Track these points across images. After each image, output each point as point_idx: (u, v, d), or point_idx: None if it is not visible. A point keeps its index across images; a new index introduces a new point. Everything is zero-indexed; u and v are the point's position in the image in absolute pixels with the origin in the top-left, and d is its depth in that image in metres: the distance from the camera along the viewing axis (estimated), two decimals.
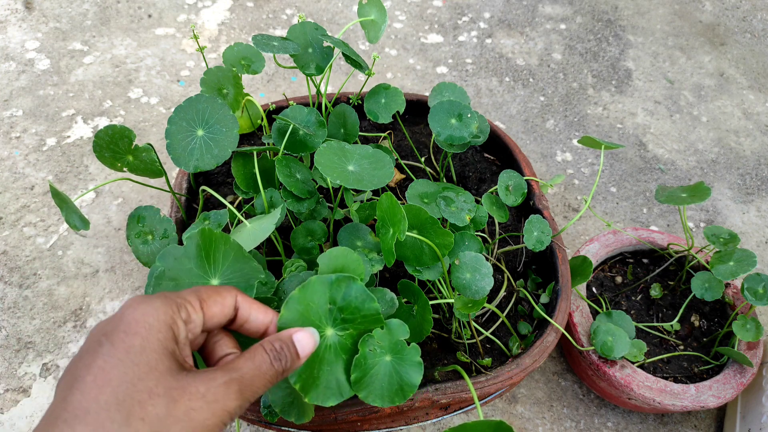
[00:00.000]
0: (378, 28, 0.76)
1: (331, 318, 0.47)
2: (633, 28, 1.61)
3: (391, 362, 0.52)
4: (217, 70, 0.70)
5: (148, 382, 0.34)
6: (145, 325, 0.36)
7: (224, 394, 0.36)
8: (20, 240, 1.08)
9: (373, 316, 0.49)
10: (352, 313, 0.48)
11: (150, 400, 0.33)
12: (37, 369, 0.94)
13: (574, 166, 1.28)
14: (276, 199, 0.65)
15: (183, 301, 0.39)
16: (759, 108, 1.43)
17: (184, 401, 0.34)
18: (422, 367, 0.52)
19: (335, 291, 0.48)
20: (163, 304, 0.38)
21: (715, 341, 0.89)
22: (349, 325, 0.48)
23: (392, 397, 0.51)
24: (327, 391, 0.46)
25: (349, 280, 0.48)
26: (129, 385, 0.33)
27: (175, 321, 0.37)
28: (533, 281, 0.81)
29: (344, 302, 0.48)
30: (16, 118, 1.25)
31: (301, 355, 0.42)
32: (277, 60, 0.79)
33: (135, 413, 0.33)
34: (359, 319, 0.48)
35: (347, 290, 0.48)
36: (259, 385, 0.38)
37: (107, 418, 0.32)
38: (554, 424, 0.93)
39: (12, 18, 1.45)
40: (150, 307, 0.37)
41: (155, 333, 0.36)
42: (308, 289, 0.47)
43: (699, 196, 0.78)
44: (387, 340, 0.52)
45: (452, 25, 1.57)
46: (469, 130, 0.73)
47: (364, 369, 0.49)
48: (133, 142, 0.67)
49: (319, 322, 0.47)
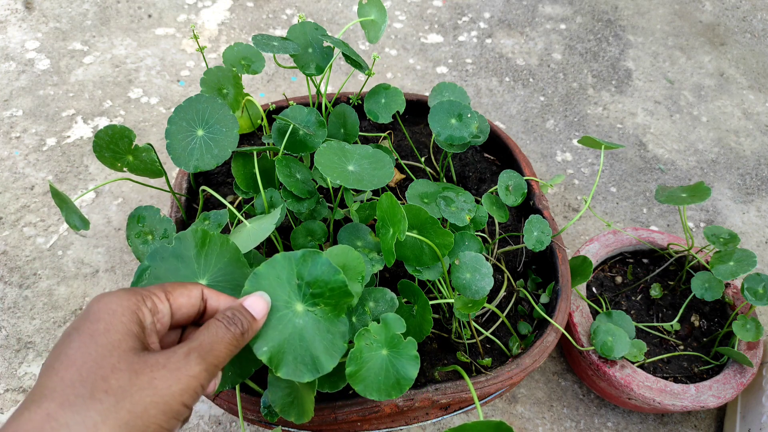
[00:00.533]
0: (378, 28, 0.76)
1: (300, 293, 0.47)
2: (633, 28, 1.61)
3: (387, 356, 0.52)
4: (217, 70, 0.70)
5: (111, 359, 0.35)
6: (109, 311, 0.37)
7: (185, 362, 0.37)
8: (20, 240, 1.08)
9: (340, 289, 0.48)
10: (320, 287, 0.47)
11: (113, 375, 0.35)
12: (37, 369, 0.94)
13: (574, 166, 1.28)
14: (276, 199, 0.65)
15: (148, 293, 0.40)
16: (759, 108, 1.43)
17: (146, 372, 0.35)
18: (419, 361, 0.52)
19: (302, 266, 0.47)
20: (126, 293, 0.39)
21: (715, 341, 0.89)
22: (319, 299, 0.47)
23: (389, 391, 0.51)
24: (301, 366, 0.45)
25: (314, 255, 0.48)
26: (92, 363, 0.35)
27: (139, 307, 0.39)
28: (533, 281, 0.81)
29: (311, 277, 0.47)
30: (16, 118, 1.25)
31: (257, 317, 0.43)
32: (277, 60, 0.79)
33: (99, 387, 0.34)
34: (327, 293, 0.47)
35: (313, 265, 0.47)
36: (220, 349, 0.39)
37: (72, 393, 0.33)
38: (554, 424, 0.93)
39: (12, 18, 1.45)
40: (113, 296, 0.39)
41: (119, 317, 0.37)
42: (274, 265, 0.46)
43: (699, 196, 0.78)
44: (383, 334, 0.52)
45: (452, 25, 1.57)
46: (469, 130, 0.73)
47: (360, 362, 0.49)
48: (133, 142, 0.67)
49: (288, 298, 0.46)
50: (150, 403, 0.34)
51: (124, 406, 0.34)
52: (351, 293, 0.48)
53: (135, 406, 0.34)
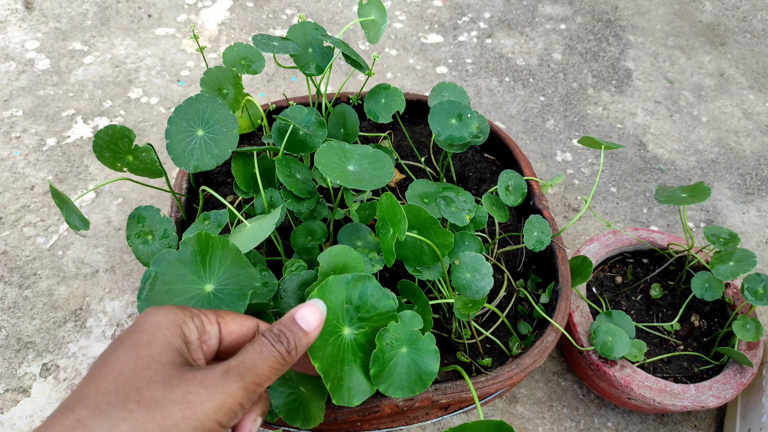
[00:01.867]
0: (378, 28, 0.76)
1: (348, 317, 0.48)
2: (633, 28, 1.61)
3: (407, 353, 0.52)
4: (217, 70, 0.70)
5: (148, 372, 0.35)
6: (154, 324, 0.37)
7: (222, 379, 0.36)
8: (20, 240, 1.08)
9: (388, 313, 0.49)
10: (368, 311, 0.48)
11: (147, 386, 0.34)
12: (37, 369, 0.94)
13: (574, 166, 1.28)
14: (276, 199, 0.65)
15: (198, 312, 0.40)
16: (759, 108, 1.43)
17: (181, 387, 0.35)
18: (438, 355, 0.52)
19: (352, 290, 0.48)
20: (175, 308, 0.39)
21: (715, 341, 0.89)
22: (365, 323, 0.48)
23: (412, 388, 0.51)
24: (351, 390, 0.47)
25: (364, 279, 0.48)
26: (130, 374, 0.34)
27: (185, 322, 0.38)
28: (533, 281, 0.81)
29: (360, 301, 0.48)
30: (16, 118, 1.25)
31: (307, 331, 0.41)
32: (277, 60, 0.79)
33: (131, 397, 0.33)
34: (375, 317, 0.48)
35: (363, 289, 0.48)
36: (262, 368, 0.38)
37: (104, 402, 0.33)
38: (554, 424, 0.93)
39: (12, 18, 1.45)
40: (162, 310, 0.38)
41: (162, 330, 0.37)
42: (326, 289, 0.47)
43: (699, 196, 0.78)
44: (402, 332, 0.52)
45: (452, 25, 1.57)
46: (469, 130, 0.73)
47: (383, 363, 0.49)
48: (133, 142, 0.67)
49: (336, 322, 0.47)
50: (181, 417, 0.34)
51: (154, 419, 0.33)
52: (397, 316, 0.49)
53: (165, 420, 0.33)
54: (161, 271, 0.47)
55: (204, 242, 0.48)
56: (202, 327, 0.39)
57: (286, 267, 0.62)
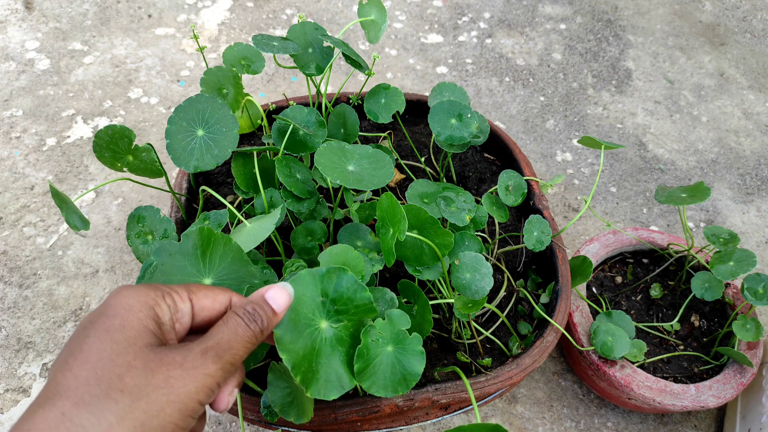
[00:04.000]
0: (378, 28, 0.76)
1: (325, 311, 0.47)
2: (633, 28, 1.61)
3: (393, 352, 0.51)
4: (217, 70, 0.70)
5: (126, 357, 0.35)
6: (126, 306, 0.37)
7: (202, 360, 0.36)
8: (20, 240, 1.08)
9: (365, 306, 0.48)
10: (345, 304, 0.47)
11: (128, 373, 0.34)
12: (37, 369, 0.94)
13: (574, 166, 1.28)
14: (276, 199, 0.65)
15: (169, 289, 0.40)
16: (759, 108, 1.43)
17: (162, 371, 0.35)
18: (424, 356, 0.52)
19: (327, 283, 0.47)
20: (146, 288, 0.38)
21: (715, 341, 0.89)
22: (343, 316, 0.48)
23: (395, 387, 0.51)
24: (327, 384, 0.46)
25: (339, 272, 0.48)
26: (108, 361, 0.34)
27: (157, 302, 0.38)
28: (533, 281, 0.81)
29: (336, 294, 0.47)
30: (16, 118, 1.25)
31: (277, 311, 0.42)
32: (277, 60, 0.79)
33: (114, 386, 0.33)
34: (352, 309, 0.48)
35: (338, 281, 0.47)
36: (237, 347, 0.38)
37: (86, 392, 0.33)
38: (554, 424, 0.93)
39: (12, 18, 1.45)
40: (132, 291, 0.38)
41: (135, 312, 0.37)
42: (299, 282, 0.46)
43: (699, 196, 0.78)
44: (389, 330, 0.52)
45: (452, 25, 1.57)
46: (469, 130, 0.73)
47: (367, 359, 0.49)
48: (133, 142, 0.67)
49: (312, 315, 0.46)
50: (166, 402, 0.34)
51: (139, 406, 0.33)
52: (376, 309, 0.48)
53: (151, 406, 0.33)
54: (161, 261, 0.47)
55: (206, 237, 0.48)
56: (174, 306, 0.39)
57: (286, 267, 0.62)
